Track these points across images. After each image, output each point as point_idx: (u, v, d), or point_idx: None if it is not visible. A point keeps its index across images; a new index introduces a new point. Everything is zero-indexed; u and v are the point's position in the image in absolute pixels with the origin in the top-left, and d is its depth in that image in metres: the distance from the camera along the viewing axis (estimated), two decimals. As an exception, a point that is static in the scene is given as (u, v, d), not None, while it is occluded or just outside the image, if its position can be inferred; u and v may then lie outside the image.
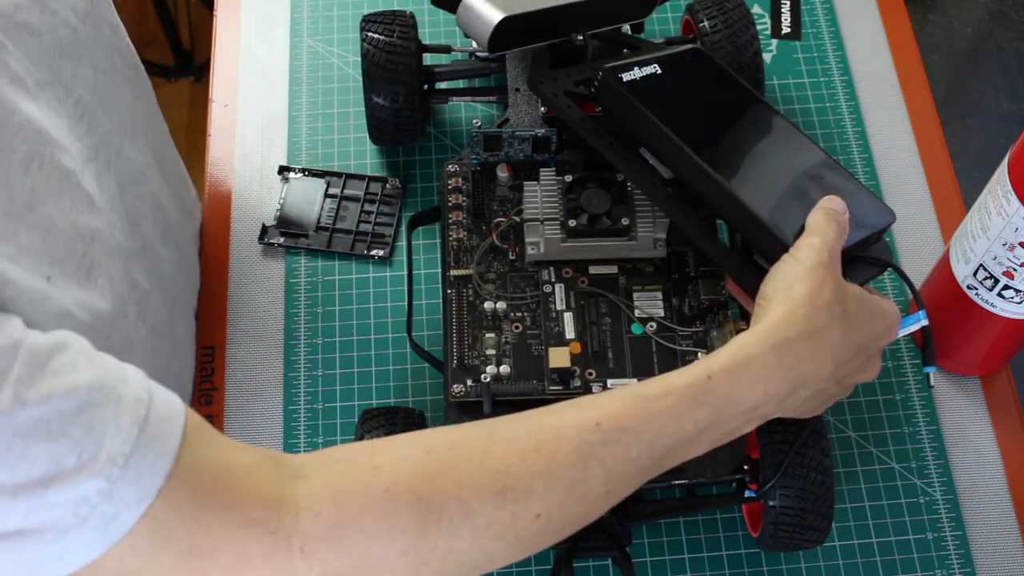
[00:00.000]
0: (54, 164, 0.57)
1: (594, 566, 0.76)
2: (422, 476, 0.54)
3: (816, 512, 0.69)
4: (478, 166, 0.78)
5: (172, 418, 0.51)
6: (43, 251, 0.55)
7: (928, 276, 0.82)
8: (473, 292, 0.73)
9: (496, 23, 0.72)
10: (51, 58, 0.60)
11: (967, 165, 1.71)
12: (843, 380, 0.62)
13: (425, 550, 0.53)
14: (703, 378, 0.57)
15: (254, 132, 0.94)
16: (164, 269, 0.75)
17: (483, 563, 0.54)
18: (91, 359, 0.50)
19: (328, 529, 0.52)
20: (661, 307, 0.72)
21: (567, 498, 0.55)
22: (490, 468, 0.54)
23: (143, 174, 0.72)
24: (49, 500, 0.47)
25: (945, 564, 0.77)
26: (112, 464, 0.48)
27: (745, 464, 0.71)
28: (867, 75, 0.96)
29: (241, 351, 0.84)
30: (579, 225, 0.72)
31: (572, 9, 0.77)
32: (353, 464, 0.55)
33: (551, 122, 0.78)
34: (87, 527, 0.48)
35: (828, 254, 0.61)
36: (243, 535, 0.51)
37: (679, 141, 0.67)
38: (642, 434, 0.56)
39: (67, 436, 0.47)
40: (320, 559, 0.52)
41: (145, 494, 0.49)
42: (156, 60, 1.91)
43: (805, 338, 0.58)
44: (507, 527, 0.54)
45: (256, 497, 0.52)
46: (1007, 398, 0.83)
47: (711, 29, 0.82)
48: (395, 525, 0.52)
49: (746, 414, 0.58)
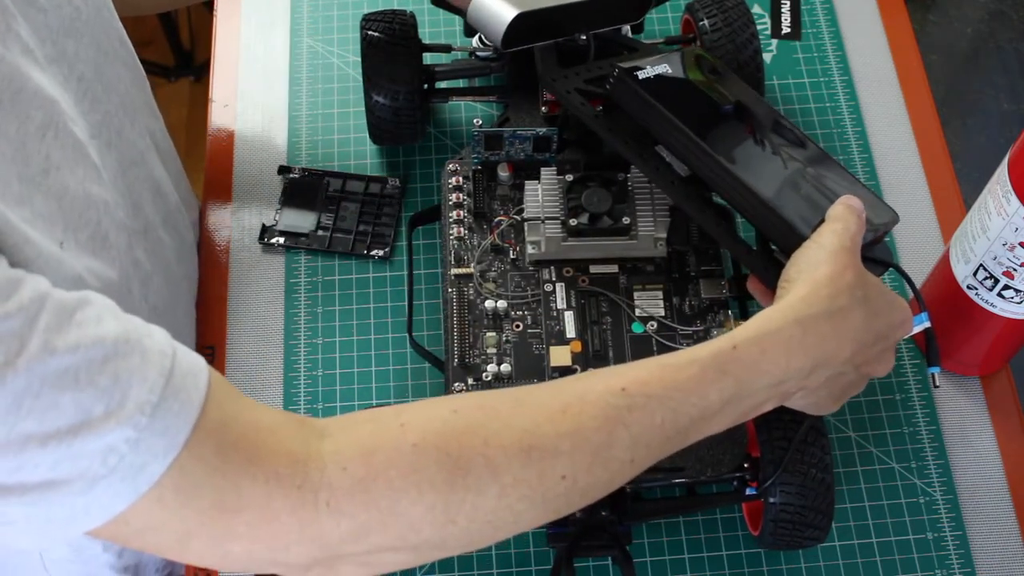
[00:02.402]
0: (68, 133, 0.58)
1: (594, 566, 0.76)
2: (450, 433, 0.54)
3: (816, 509, 0.69)
4: (479, 165, 0.78)
5: (196, 373, 0.51)
6: (57, 217, 0.56)
7: (928, 276, 0.82)
8: (474, 291, 0.73)
9: (511, 19, 0.71)
10: (56, 35, 0.60)
11: (967, 165, 1.71)
12: (861, 367, 0.62)
13: (452, 506, 0.52)
14: (728, 348, 0.57)
15: (254, 132, 0.94)
16: (165, 252, 0.75)
17: (509, 523, 0.54)
18: (115, 314, 0.51)
19: (355, 483, 0.52)
20: (661, 306, 0.73)
21: (593, 461, 0.55)
22: (517, 427, 0.54)
23: (143, 157, 0.72)
24: (78, 449, 0.47)
25: (945, 564, 0.76)
26: (140, 413, 0.48)
27: (745, 462, 0.71)
28: (867, 75, 0.96)
29: (241, 351, 0.84)
30: (580, 224, 0.72)
31: (581, 8, 0.77)
32: (380, 423, 0.55)
33: (552, 121, 0.78)
34: (115, 477, 0.48)
35: (851, 240, 0.62)
36: (269, 489, 0.51)
37: (696, 137, 0.68)
38: (667, 401, 0.56)
39: (95, 385, 0.47)
40: (347, 513, 0.51)
41: (172, 444, 0.49)
42: (156, 60, 1.91)
43: (828, 317, 0.59)
44: (534, 486, 0.54)
45: (282, 452, 0.52)
46: (1007, 398, 0.83)
47: (711, 28, 0.82)
48: (423, 480, 0.52)
49: (769, 388, 0.58)
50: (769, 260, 0.67)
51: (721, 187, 0.67)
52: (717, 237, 0.69)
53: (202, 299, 0.86)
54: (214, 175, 0.92)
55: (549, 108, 0.79)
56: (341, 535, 0.52)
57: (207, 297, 0.86)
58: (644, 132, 0.71)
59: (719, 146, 0.68)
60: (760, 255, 0.68)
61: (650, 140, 0.72)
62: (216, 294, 0.87)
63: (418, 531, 0.53)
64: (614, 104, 0.72)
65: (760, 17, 0.99)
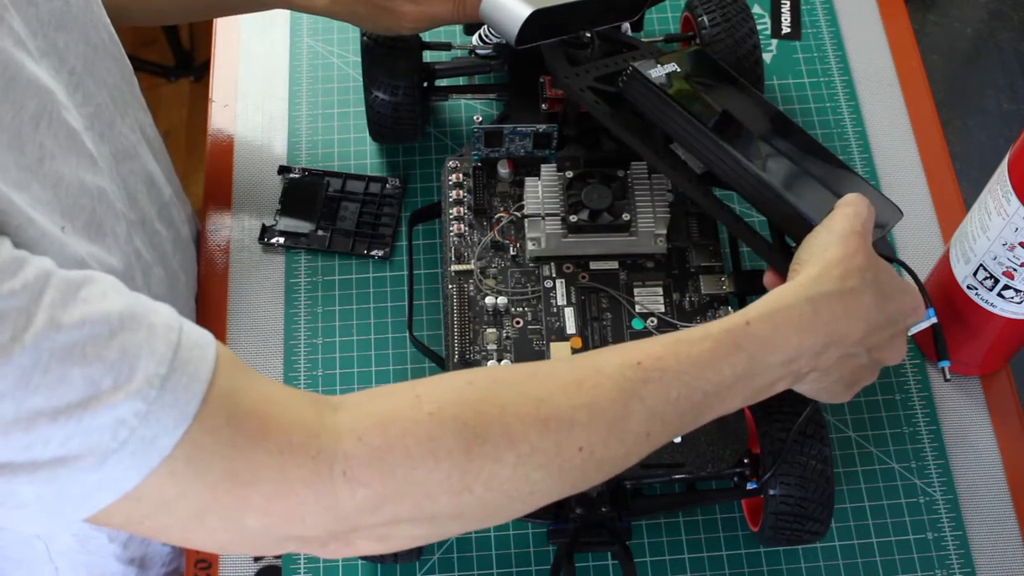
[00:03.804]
0: (61, 122, 0.58)
1: (594, 566, 0.76)
2: (466, 402, 0.54)
3: (816, 501, 0.69)
4: (479, 162, 0.78)
5: (204, 345, 0.51)
6: (54, 204, 0.56)
7: (928, 276, 0.82)
8: (474, 287, 0.73)
9: (526, 17, 0.72)
10: (47, 28, 0.60)
11: (967, 165, 1.71)
12: (873, 351, 0.62)
13: (469, 475, 0.52)
14: (741, 324, 0.58)
15: (254, 132, 0.94)
16: (163, 244, 0.76)
17: (525, 493, 0.54)
18: (120, 291, 0.51)
19: (372, 452, 0.51)
20: (661, 302, 0.73)
21: (609, 434, 0.55)
22: (533, 397, 0.54)
23: (135, 150, 0.72)
24: (87, 423, 0.47)
25: (945, 564, 0.76)
26: (149, 386, 0.48)
27: (745, 458, 0.71)
28: (867, 75, 0.96)
29: (241, 351, 0.84)
30: (580, 221, 0.73)
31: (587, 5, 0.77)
32: (395, 395, 0.55)
33: (552, 118, 0.78)
34: (126, 451, 0.48)
35: (861, 225, 0.62)
36: (283, 460, 0.51)
37: (712, 134, 0.68)
38: (682, 375, 0.56)
39: (102, 359, 0.47)
40: (364, 482, 0.51)
41: (182, 416, 0.49)
42: (156, 60, 1.91)
43: (839, 296, 0.59)
44: (551, 456, 0.54)
45: (295, 423, 0.52)
46: (1007, 398, 0.83)
47: (710, 24, 0.82)
48: (439, 448, 0.52)
49: (782, 366, 0.58)
50: (786, 253, 0.68)
51: (737, 182, 0.68)
52: (736, 232, 0.70)
53: (202, 299, 0.86)
54: (214, 175, 0.92)
55: (549, 105, 0.79)
56: (357, 505, 0.51)
57: (207, 297, 0.86)
58: (651, 130, 0.72)
59: (733, 143, 0.68)
60: (777, 249, 0.68)
61: (660, 138, 0.72)
62: (216, 294, 0.87)
63: (434, 500, 0.52)
64: (619, 101, 0.73)
65: (760, 17, 0.99)
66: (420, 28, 0.79)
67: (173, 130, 0.80)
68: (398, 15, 0.77)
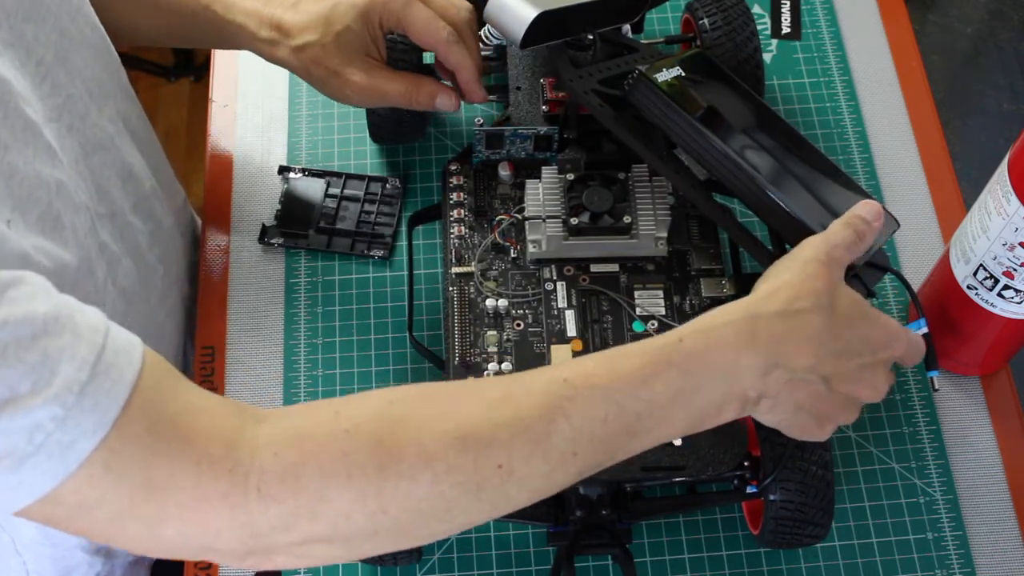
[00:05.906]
0: (18, 113, 0.57)
1: (594, 566, 0.76)
2: (384, 420, 0.53)
3: (816, 506, 0.69)
4: (479, 164, 0.78)
5: (130, 351, 0.51)
6: (5, 196, 0.55)
7: (928, 276, 0.82)
8: (475, 289, 0.73)
9: (532, 19, 0.72)
10: (14, 19, 0.60)
11: (967, 165, 1.71)
12: (835, 381, 0.59)
13: (384, 493, 0.52)
14: (675, 340, 0.57)
15: (254, 132, 0.94)
16: (136, 237, 0.75)
17: (442, 512, 0.54)
18: (49, 294, 0.50)
19: (286, 468, 0.51)
20: (662, 305, 0.73)
21: (532, 451, 0.54)
22: (453, 414, 0.54)
23: (112, 142, 0.72)
24: (3, 427, 0.47)
25: (945, 564, 0.76)
26: (68, 391, 0.48)
27: (746, 461, 0.71)
28: (867, 75, 0.96)
29: (241, 351, 0.84)
30: (581, 223, 0.73)
31: (590, 7, 0.77)
32: (315, 411, 0.55)
33: (553, 120, 0.78)
34: (42, 456, 0.48)
35: (826, 254, 0.60)
36: (200, 471, 0.51)
37: (718, 140, 0.68)
38: (612, 392, 0.55)
39: (22, 362, 0.47)
40: (276, 499, 0.51)
41: (101, 422, 0.49)
42: (156, 60, 1.90)
43: (783, 316, 0.58)
44: (468, 474, 0.53)
45: (215, 435, 0.52)
46: (1007, 398, 0.83)
47: (710, 26, 0.82)
48: (353, 464, 0.52)
49: (720, 384, 0.57)
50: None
51: (740, 189, 0.68)
52: (738, 240, 0.70)
53: (202, 299, 0.86)
54: (214, 175, 0.92)
55: (550, 107, 0.79)
56: (271, 522, 0.51)
57: (207, 297, 0.86)
58: (653, 133, 0.72)
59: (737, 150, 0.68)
60: (777, 256, 0.68)
61: (662, 141, 0.72)
62: (216, 294, 0.87)
63: (348, 519, 0.52)
64: (622, 104, 0.73)
65: (760, 17, 0.99)
66: (366, 102, 0.79)
67: (173, 130, 0.80)
68: (346, 83, 0.76)
